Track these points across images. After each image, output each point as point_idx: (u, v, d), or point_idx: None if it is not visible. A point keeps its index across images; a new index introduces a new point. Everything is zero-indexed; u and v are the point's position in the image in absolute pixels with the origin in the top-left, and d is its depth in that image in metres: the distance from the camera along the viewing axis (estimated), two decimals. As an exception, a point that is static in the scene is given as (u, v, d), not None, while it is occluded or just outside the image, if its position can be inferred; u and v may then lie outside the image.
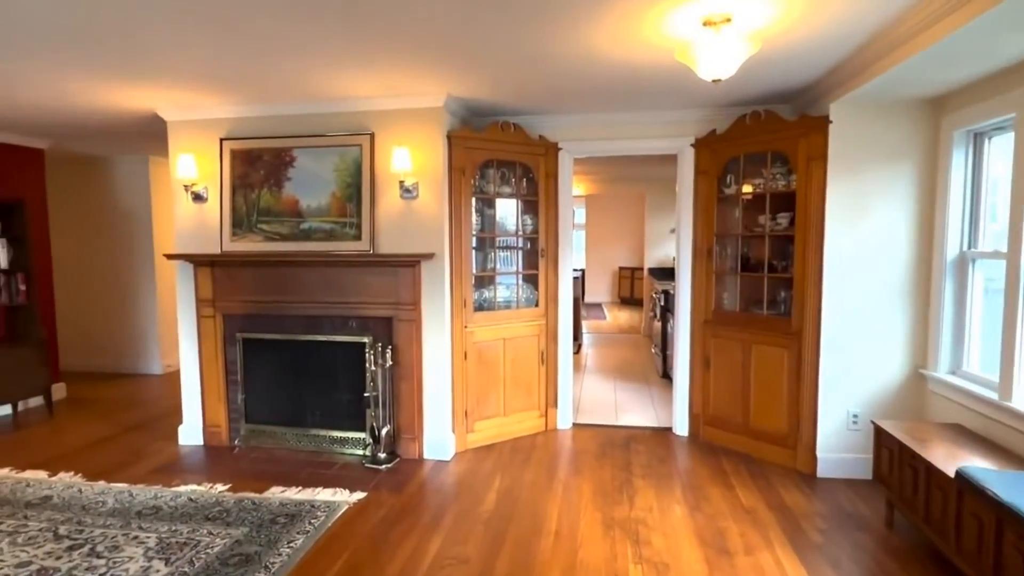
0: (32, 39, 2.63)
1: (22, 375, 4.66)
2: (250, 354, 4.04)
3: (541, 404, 4.33)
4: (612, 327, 9.57)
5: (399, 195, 3.73)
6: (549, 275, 4.28)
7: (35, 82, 3.30)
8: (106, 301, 6.33)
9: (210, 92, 3.54)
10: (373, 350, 3.78)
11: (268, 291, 3.91)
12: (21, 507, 3.13)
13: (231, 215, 3.92)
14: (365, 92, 3.56)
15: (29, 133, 4.83)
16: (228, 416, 4.09)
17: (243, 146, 3.90)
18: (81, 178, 6.24)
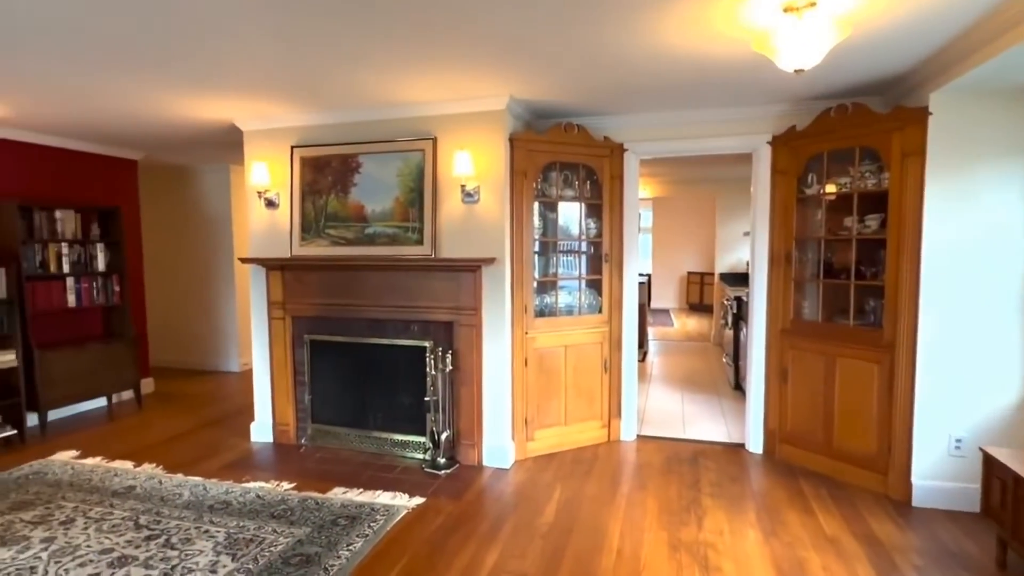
0: (121, 57, 2.80)
1: (116, 370, 5.01)
2: (317, 356, 4.14)
3: (604, 414, 4.19)
4: (680, 334, 9.23)
5: (461, 199, 3.72)
6: (613, 280, 4.13)
7: (126, 96, 3.52)
8: (190, 302, 6.74)
9: (281, 102, 3.66)
10: (434, 354, 3.77)
11: (334, 294, 4.00)
12: (108, 495, 3.33)
13: (300, 220, 4.04)
14: (428, 97, 3.57)
15: (125, 145, 5.20)
16: (296, 415, 4.21)
17: (312, 153, 4.01)
18: (170, 186, 6.68)
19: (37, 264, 4.51)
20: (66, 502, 3.24)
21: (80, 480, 3.54)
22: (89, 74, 3.07)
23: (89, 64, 2.92)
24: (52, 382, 4.49)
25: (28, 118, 4.09)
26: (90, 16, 2.33)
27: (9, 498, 3.30)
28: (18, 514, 3.10)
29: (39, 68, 2.98)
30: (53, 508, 3.16)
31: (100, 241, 4.99)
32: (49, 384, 4.46)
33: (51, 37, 2.55)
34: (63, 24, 2.41)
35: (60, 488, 3.42)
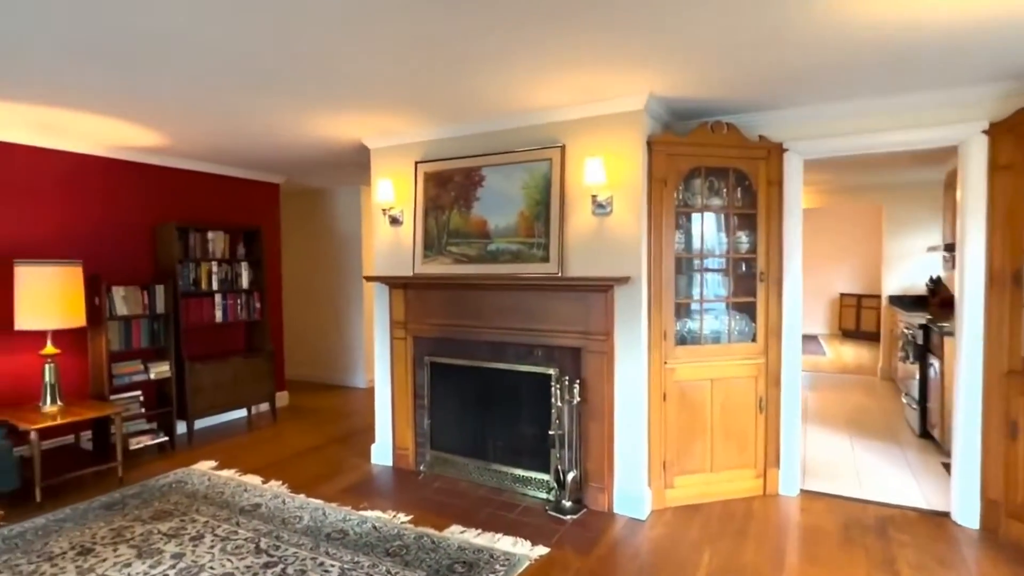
0: (258, 80, 2.81)
1: (255, 383, 5.25)
2: (437, 378, 3.96)
3: (758, 462, 3.54)
4: (834, 365, 8.03)
5: (591, 211, 3.34)
6: (771, 303, 3.50)
7: (265, 120, 3.62)
8: (323, 318, 7.01)
9: (407, 116, 3.56)
10: (559, 383, 3.41)
11: (455, 314, 3.80)
12: (236, 512, 3.34)
13: (423, 237, 3.91)
14: (556, 101, 3.26)
15: (268, 170, 5.51)
16: (415, 440, 4.05)
17: (435, 168, 3.87)
18: (307, 208, 7.05)
19: (191, 281, 4.84)
20: (199, 516, 3.29)
21: (214, 493, 3.62)
22: (229, 99, 3.16)
23: (229, 89, 2.98)
24: (199, 392, 4.76)
25: (183, 146, 4.41)
26: (227, 41, 2.31)
27: (152, 506, 3.43)
28: (157, 524, 3.18)
29: (186, 95, 3.10)
30: (187, 521, 3.22)
31: (244, 260, 5.28)
32: (197, 394, 4.73)
33: (197, 63, 2.60)
34: (205, 48, 2.42)
35: (196, 500, 3.51)
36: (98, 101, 3.22)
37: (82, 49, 2.47)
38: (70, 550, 2.90)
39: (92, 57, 2.56)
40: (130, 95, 3.12)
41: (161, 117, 3.57)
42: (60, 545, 2.96)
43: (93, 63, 2.64)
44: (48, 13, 2.13)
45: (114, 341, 4.26)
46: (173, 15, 2.16)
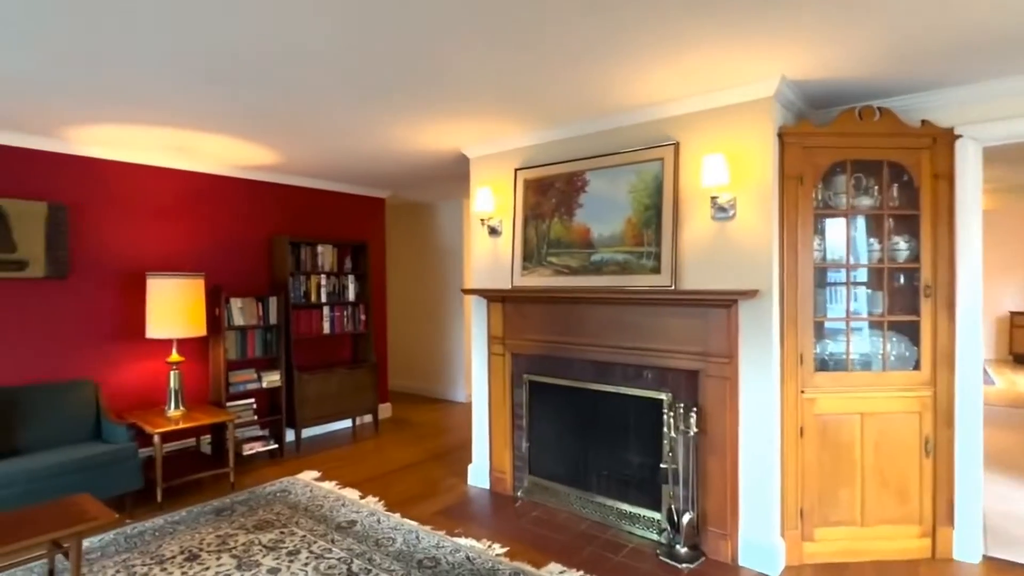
0: (360, 92, 2.76)
1: (359, 394, 5.31)
2: (536, 398, 3.71)
3: (924, 517, 2.89)
4: (1005, 397, 6.74)
5: (710, 216, 2.94)
6: (939, 323, 2.87)
7: (369, 132, 3.61)
8: (426, 331, 7.05)
9: (506, 119, 3.38)
10: (673, 410, 3.01)
11: (555, 330, 3.53)
12: (332, 528, 3.29)
13: (522, 248, 3.70)
14: (668, 94, 2.92)
15: (373, 185, 5.62)
16: (513, 463, 3.81)
17: (536, 175, 3.66)
18: (412, 222, 7.16)
19: (301, 294, 5.00)
20: (298, 529, 3.27)
21: (313, 506, 3.61)
22: (337, 115, 3.16)
23: (337, 104, 2.97)
24: (306, 402, 4.87)
25: (295, 164, 4.57)
26: (330, 49, 2.25)
27: (257, 515, 3.47)
28: (259, 535, 3.20)
29: (298, 111, 3.14)
30: (286, 534, 3.21)
31: (351, 273, 5.39)
32: (304, 404, 4.86)
33: (309, 79, 2.59)
34: (318, 62, 2.39)
35: (297, 512, 3.51)
36: (220, 121, 3.37)
37: (204, 72, 2.54)
38: (179, 554, 2.98)
39: (214, 80, 2.64)
40: (247, 113, 3.22)
41: (275, 135, 3.68)
42: (171, 548, 3.04)
43: (216, 85, 2.72)
44: (181, 43, 2.19)
45: (231, 350, 4.48)
46: (294, 32, 2.13)
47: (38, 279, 3.75)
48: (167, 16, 2.08)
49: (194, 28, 2.17)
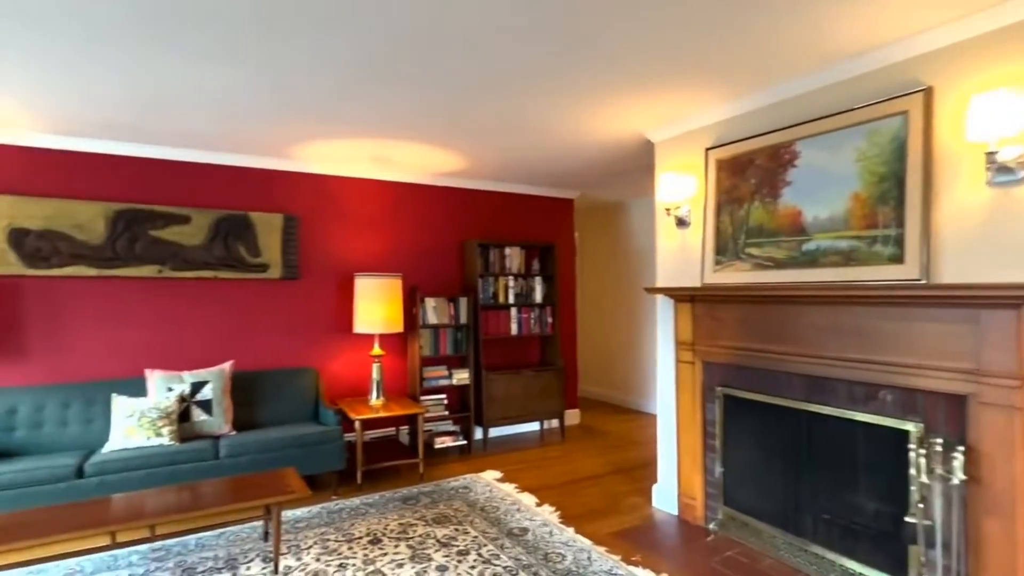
0: (536, 77, 2.62)
1: (545, 398, 5.22)
2: (732, 416, 3.14)
3: None
4: None
5: (984, 180, 2.13)
6: None
7: (545, 123, 3.47)
8: (619, 336, 6.71)
9: (694, 89, 2.93)
10: (925, 447, 2.24)
11: (755, 336, 2.94)
12: (504, 534, 3.18)
13: (714, 239, 3.18)
14: (918, 22, 2.19)
15: (561, 185, 5.51)
16: (704, 490, 3.29)
17: (730, 152, 3.12)
18: (603, 222, 6.90)
19: (490, 295, 5.10)
20: (472, 528, 3.23)
21: (490, 507, 3.56)
22: (517, 104, 3.08)
23: (517, 93, 2.89)
24: (493, 402, 4.93)
25: (480, 167, 4.67)
26: (515, 40, 2.15)
27: (438, 507, 3.55)
28: (436, 528, 3.24)
29: (477, 104, 3.14)
30: (460, 532, 3.19)
31: (538, 275, 5.34)
32: (491, 403, 4.92)
33: (488, 66, 2.55)
34: (495, 43, 2.33)
35: (474, 511, 3.50)
36: (410, 123, 3.55)
37: (398, 78, 2.67)
38: (365, 536, 3.15)
39: (408, 85, 2.76)
40: (431, 112, 3.33)
41: (460, 136, 3.75)
42: (360, 529, 3.24)
43: (409, 90, 2.85)
44: (393, 54, 2.31)
45: (425, 347, 4.73)
46: (474, 15, 2.08)
47: (276, 280, 4.40)
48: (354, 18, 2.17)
49: (370, 18, 2.24)
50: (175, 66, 2.59)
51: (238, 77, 2.73)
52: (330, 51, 2.45)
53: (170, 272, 4.02)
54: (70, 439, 3.51)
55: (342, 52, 2.45)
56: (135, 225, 3.92)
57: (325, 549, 2.99)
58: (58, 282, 3.74)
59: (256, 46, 2.40)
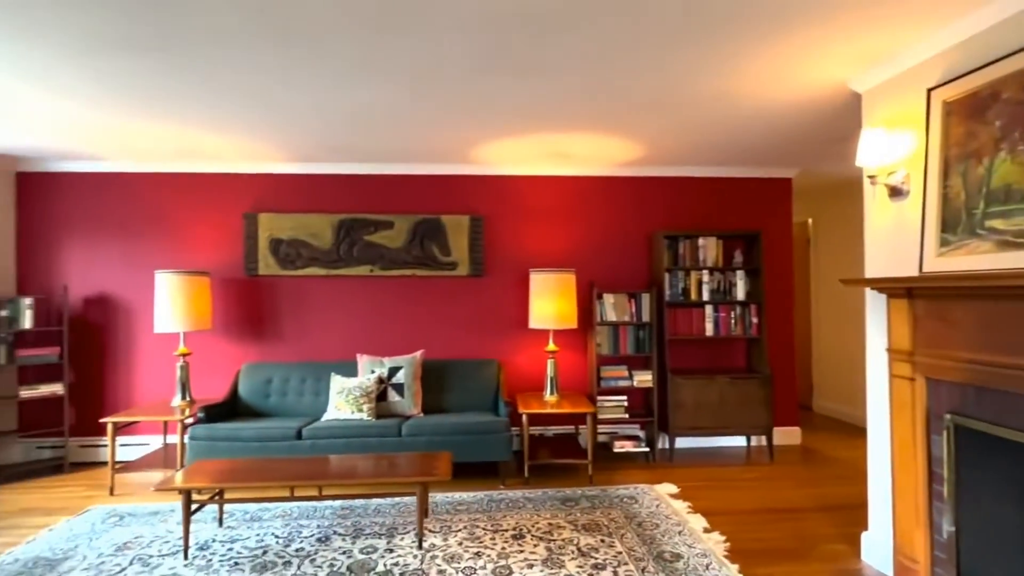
0: (699, 25, 2.32)
1: (746, 410, 4.52)
2: (968, 455, 2.25)
3: None
4: None
5: None
6: None
7: (718, 83, 3.02)
8: (855, 341, 5.45)
9: (913, 4, 2.20)
10: None
11: (1002, 345, 2.05)
12: (652, 556, 2.84)
13: (939, 211, 2.32)
14: None
15: (771, 164, 4.71)
16: (930, 552, 2.43)
17: (964, 89, 2.24)
18: (842, 203, 5.68)
19: (679, 291, 4.64)
20: (619, 543, 2.98)
21: (649, 523, 3.23)
22: (682, 59, 2.76)
23: (684, 50, 2.59)
24: (680, 408, 4.47)
25: (660, 154, 4.28)
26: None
27: (593, 514, 3.36)
28: (581, 536, 3.07)
29: (642, 76, 2.91)
30: (606, 545, 2.97)
31: (741, 268, 4.67)
32: (677, 410, 4.46)
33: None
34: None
35: (629, 525, 3.22)
36: (576, 110, 3.41)
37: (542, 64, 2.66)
38: (511, 530, 3.15)
39: (555, 68, 2.73)
40: (590, 94, 3.20)
41: (631, 118, 3.49)
42: (510, 522, 3.26)
43: (560, 74, 2.81)
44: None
45: (604, 345, 4.54)
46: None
47: (463, 277, 4.73)
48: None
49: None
50: (385, 93, 2.98)
51: (402, 93, 3.01)
52: (475, 48, 2.51)
53: (379, 271, 4.66)
54: (303, 407, 4.32)
55: (484, 47, 2.49)
56: (353, 232, 4.65)
57: (470, 535, 3.09)
58: (300, 280, 4.65)
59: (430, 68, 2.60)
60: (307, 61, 2.62)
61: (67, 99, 3.08)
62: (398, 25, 2.29)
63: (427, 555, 2.86)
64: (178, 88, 2.93)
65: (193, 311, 4.17)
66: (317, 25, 2.29)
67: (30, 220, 4.51)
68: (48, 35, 2.33)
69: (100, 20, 2.22)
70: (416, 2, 2.12)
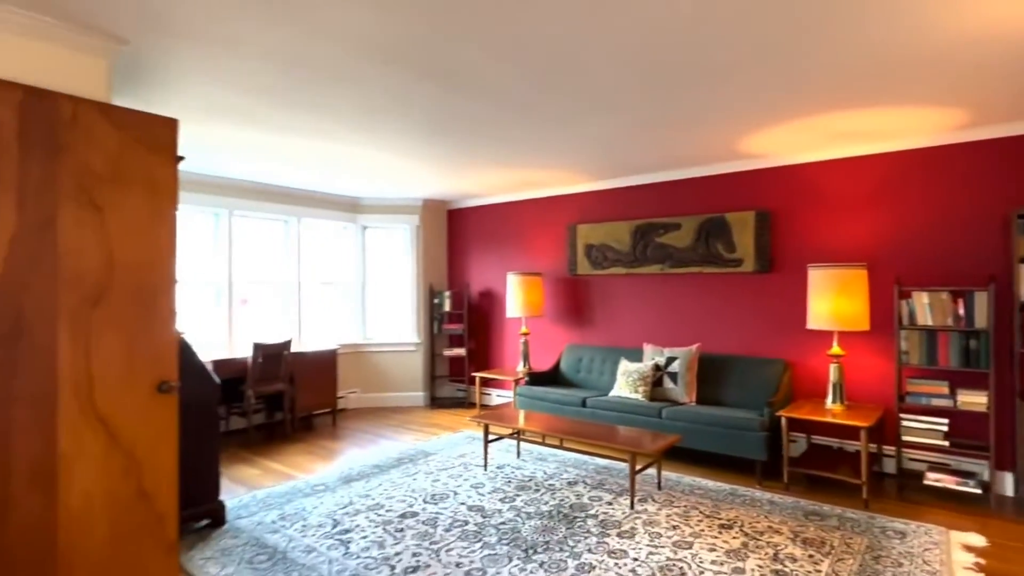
0: None
1: None
2: None
3: None
4: None
5: None
6: None
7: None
8: None
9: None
10: None
11: None
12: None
13: None
14: None
15: None
16: None
17: None
18: None
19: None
20: (825, 566, 2.75)
21: (889, 561, 2.78)
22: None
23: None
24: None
25: (996, 113, 3.27)
26: None
27: (829, 533, 3.09)
28: (794, 546, 2.95)
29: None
30: (810, 561, 2.80)
31: None
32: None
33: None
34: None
35: (862, 554, 2.86)
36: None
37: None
38: (723, 520, 3.27)
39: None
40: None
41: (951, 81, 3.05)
42: (729, 514, 3.35)
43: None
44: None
45: (912, 354, 3.75)
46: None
47: (748, 273, 4.69)
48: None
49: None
50: (659, 114, 3.74)
51: (678, 109, 3.58)
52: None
53: (668, 269, 5.12)
54: (599, 383, 5.22)
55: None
56: (647, 235, 5.26)
57: (682, 513, 3.37)
58: (606, 278, 5.56)
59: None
60: (607, 112, 3.44)
61: (467, 166, 4.87)
62: (678, 82, 2.92)
63: (633, 514, 3.35)
64: (529, 142, 4.15)
65: (529, 302, 5.63)
66: (621, 94, 3.13)
67: (453, 239, 6.90)
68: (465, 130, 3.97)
69: (496, 108, 3.67)
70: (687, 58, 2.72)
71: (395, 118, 3.56)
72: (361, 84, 3.00)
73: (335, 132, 3.87)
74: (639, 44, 2.52)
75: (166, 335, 2.44)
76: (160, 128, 2.43)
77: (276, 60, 2.70)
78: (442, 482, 3.93)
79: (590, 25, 2.34)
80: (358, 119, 3.59)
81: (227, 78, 2.91)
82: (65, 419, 2.16)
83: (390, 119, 3.59)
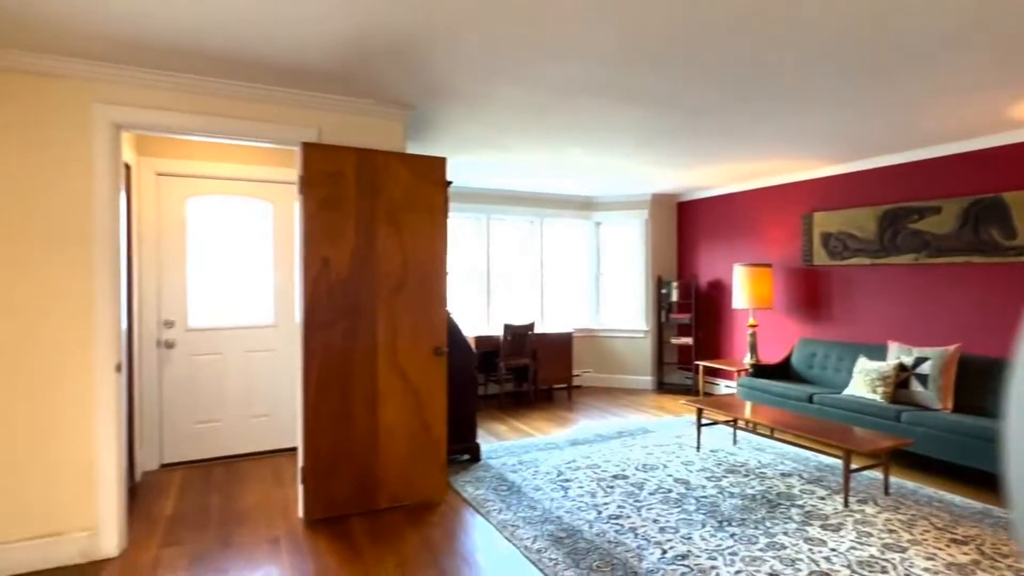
0: None
1: None
2: None
3: None
4: None
5: None
6: None
7: None
8: None
9: None
10: None
11: None
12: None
13: None
14: None
15: None
16: None
17: None
18: None
19: None
20: (986, 571, 2.41)
21: None
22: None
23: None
24: None
25: None
26: None
27: None
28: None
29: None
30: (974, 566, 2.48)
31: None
32: None
33: None
34: None
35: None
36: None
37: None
38: (956, 535, 3.00)
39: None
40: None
41: None
42: (966, 532, 3.05)
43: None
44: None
45: None
46: None
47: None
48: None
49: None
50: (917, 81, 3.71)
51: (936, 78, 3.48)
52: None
53: (924, 259, 4.56)
54: (834, 381, 4.93)
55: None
56: (896, 221, 4.75)
57: (906, 520, 3.17)
58: (846, 269, 5.16)
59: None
60: (856, 89, 3.44)
61: (703, 160, 5.20)
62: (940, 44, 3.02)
63: (845, 512, 3.29)
64: (761, 133, 4.23)
65: (756, 294, 5.57)
66: (872, 67, 3.33)
67: (681, 231, 7.08)
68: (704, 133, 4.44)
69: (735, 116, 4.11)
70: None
71: (623, 127, 4.07)
72: (587, 113, 3.60)
73: (567, 147, 4.55)
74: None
75: (440, 313, 3.41)
76: (436, 166, 3.40)
77: (514, 106, 3.47)
78: (655, 456, 4.34)
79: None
80: (586, 137, 4.21)
81: (483, 120, 3.80)
82: (382, 368, 3.26)
83: (616, 130, 4.11)
